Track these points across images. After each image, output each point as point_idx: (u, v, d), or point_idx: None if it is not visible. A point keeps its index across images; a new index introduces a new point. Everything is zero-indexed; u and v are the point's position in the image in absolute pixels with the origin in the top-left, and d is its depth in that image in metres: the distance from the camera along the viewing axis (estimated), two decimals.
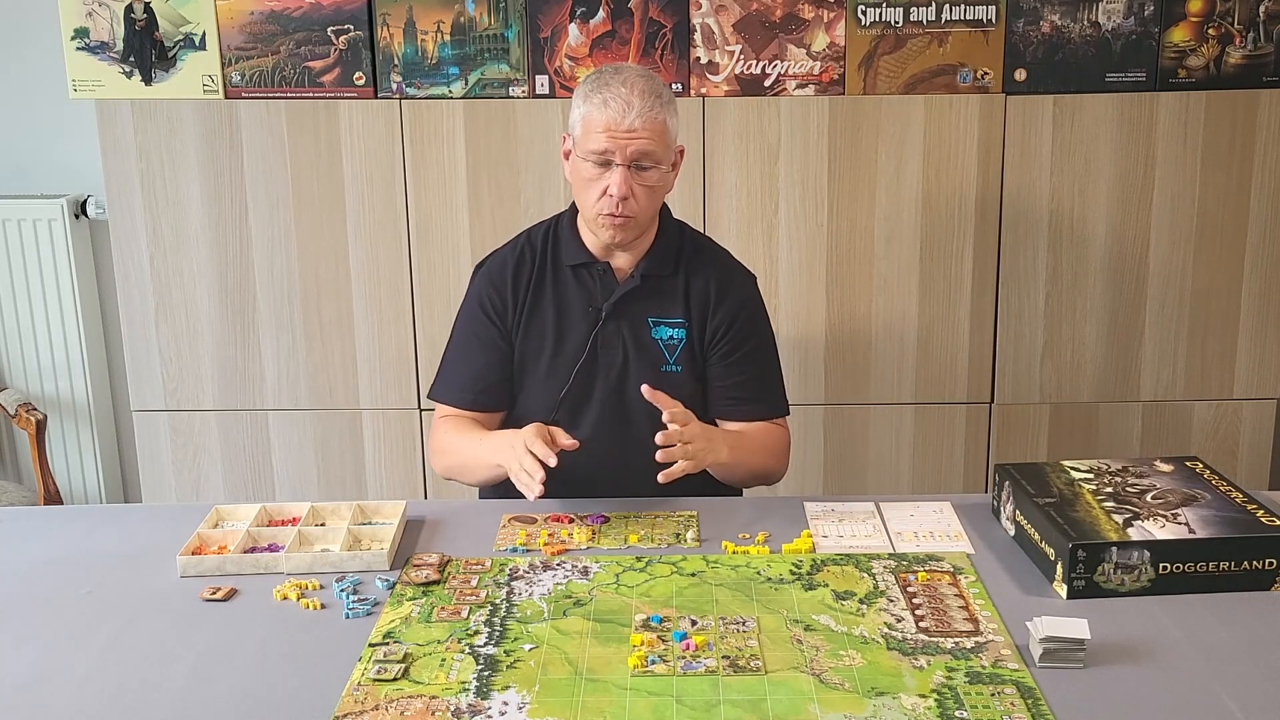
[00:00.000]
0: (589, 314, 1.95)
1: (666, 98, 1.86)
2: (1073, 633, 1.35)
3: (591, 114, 1.83)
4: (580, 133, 1.86)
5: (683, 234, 2.02)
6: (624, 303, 1.95)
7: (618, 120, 1.81)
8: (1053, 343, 2.74)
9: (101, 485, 3.26)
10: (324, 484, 2.81)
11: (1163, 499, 1.66)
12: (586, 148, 1.84)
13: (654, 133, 1.83)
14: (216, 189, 2.68)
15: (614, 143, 1.82)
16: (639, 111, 1.81)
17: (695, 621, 1.47)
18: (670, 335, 1.96)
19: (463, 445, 1.95)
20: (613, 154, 1.82)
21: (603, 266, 1.96)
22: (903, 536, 1.72)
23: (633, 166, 1.83)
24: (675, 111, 1.89)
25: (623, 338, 1.95)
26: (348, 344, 2.76)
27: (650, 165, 1.84)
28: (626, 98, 1.81)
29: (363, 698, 1.31)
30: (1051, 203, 2.66)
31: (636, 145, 1.82)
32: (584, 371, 1.95)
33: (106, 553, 1.70)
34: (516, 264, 1.99)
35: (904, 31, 2.58)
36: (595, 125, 1.83)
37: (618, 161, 1.83)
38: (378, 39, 2.61)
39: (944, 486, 2.79)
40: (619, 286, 1.95)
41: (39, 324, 3.15)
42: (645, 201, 1.87)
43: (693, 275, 1.97)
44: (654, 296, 1.96)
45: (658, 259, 1.96)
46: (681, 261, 1.98)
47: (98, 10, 2.60)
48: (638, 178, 1.84)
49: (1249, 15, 2.57)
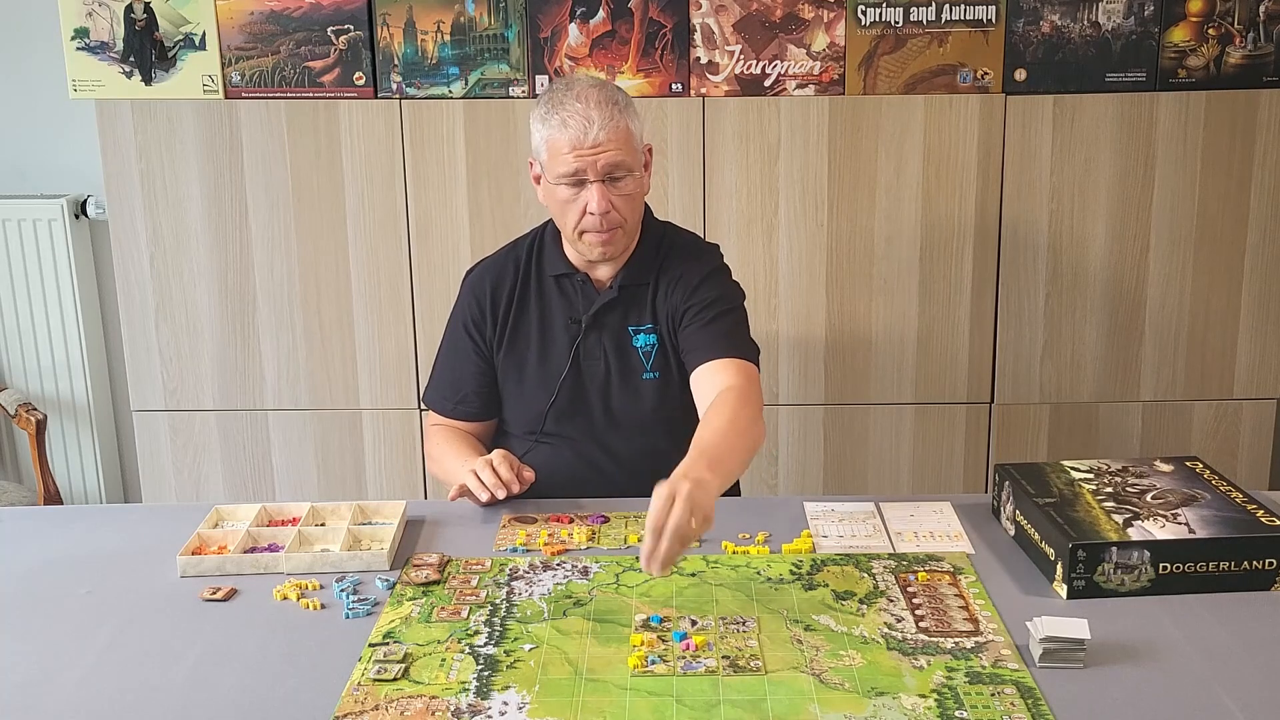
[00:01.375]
0: (570, 326, 1.96)
1: (623, 102, 1.84)
2: (1073, 633, 1.35)
3: (554, 136, 1.81)
4: (547, 157, 1.84)
5: (662, 238, 1.99)
6: (602, 313, 1.95)
7: (580, 138, 1.79)
8: (1053, 343, 2.73)
9: (101, 485, 3.26)
10: (324, 484, 2.81)
11: (1163, 499, 1.66)
12: (556, 171, 1.82)
13: (620, 142, 1.81)
14: (216, 189, 2.68)
15: (583, 160, 1.80)
16: (600, 124, 1.79)
17: (695, 621, 1.47)
18: (645, 342, 1.96)
19: (443, 460, 1.99)
20: (584, 172, 1.81)
21: (582, 277, 1.95)
22: (903, 536, 1.72)
23: (606, 180, 1.82)
24: (635, 113, 1.86)
25: (604, 348, 1.95)
26: (348, 344, 2.76)
27: (623, 175, 1.83)
28: (585, 113, 1.79)
29: (363, 698, 1.31)
30: (1052, 203, 2.66)
31: (606, 158, 1.80)
32: (569, 382, 1.95)
33: (106, 553, 1.70)
34: (498, 276, 1.99)
35: (904, 31, 2.58)
36: (560, 147, 1.81)
37: (590, 179, 1.81)
38: (378, 39, 2.61)
39: (944, 486, 2.79)
40: (597, 297, 1.95)
41: (39, 324, 3.15)
42: (626, 210, 1.86)
43: (661, 278, 1.96)
44: (632, 305, 1.96)
45: (636, 269, 1.95)
46: (658, 268, 1.96)
47: (98, 10, 2.60)
48: (613, 189, 1.83)
49: (1249, 15, 2.57)
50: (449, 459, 1.97)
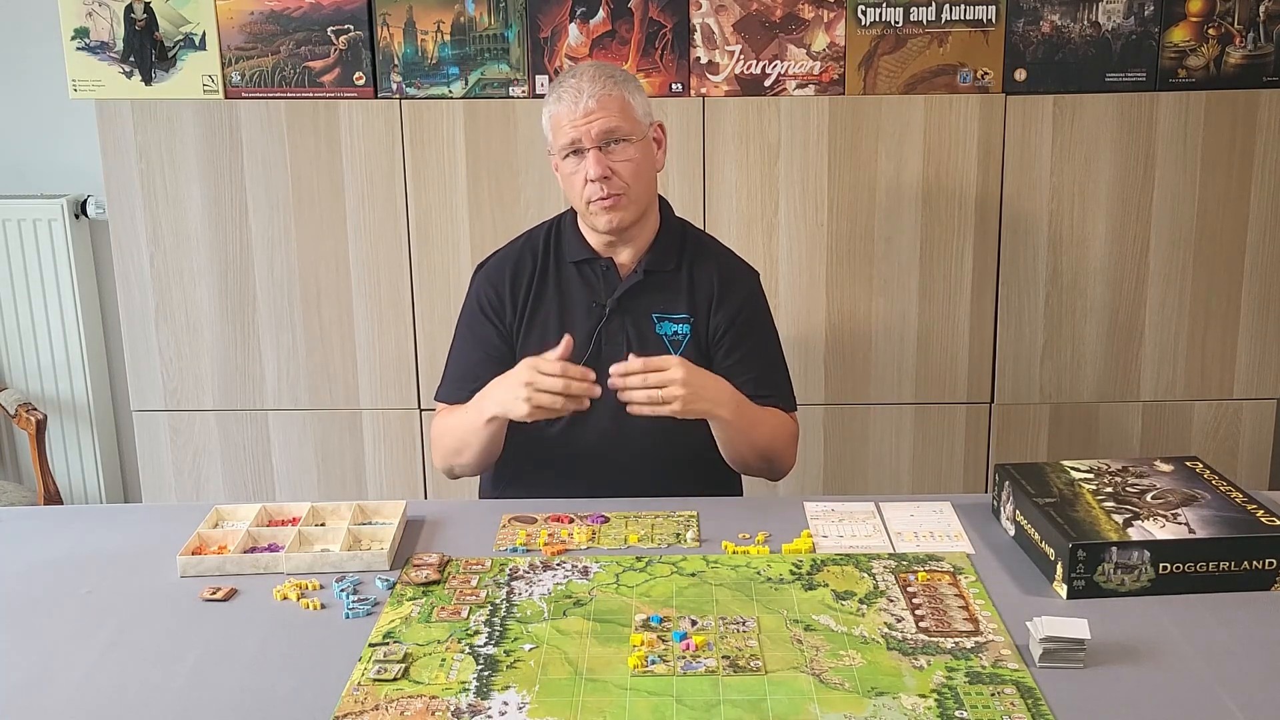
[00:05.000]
0: (593, 310, 1.96)
1: (621, 77, 1.92)
2: (1073, 633, 1.35)
3: (555, 113, 1.91)
4: (552, 137, 1.93)
5: (685, 230, 2.04)
6: (628, 298, 1.95)
7: (573, 108, 1.87)
8: (1053, 343, 2.74)
9: (101, 485, 3.26)
10: (324, 484, 2.81)
11: (1163, 499, 1.66)
12: (558, 145, 1.90)
13: (612, 109, 1.87)
14: (216, 189, 2.68)
15: (577, 130, 1.87)
16: (590, 93, 1.87)
17: (695, 621, 1.47)
18: (675, 331, 1.96)
19: (451, 426, 1.96)
20: (580, 141, 1.87)
21: (605, 263, 1.96)
22: (903, 536, 1.72)
23: (603, 147, 1.87)
24: (637, 89, 1.94)
25: (627, 333, 1.95)
26: (348, 344, 2.76)
27: (620, 140, 1.88)
28: (577, 85, 1.88)
29: (363, 698, 1.31)
30: (1051, 203, 2.66)
31: (598, 124, 1.86)
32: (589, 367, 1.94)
33: (106, 553, 1.70)
34: (516, 263, 2.00)
35: (904, 31, 2.58)
36: (560, 122, 1.89)
37: (586, 145, 1.87)
38: (378, 39, 2.61)
39: (944, 486, 2.79)
40: (622, 282, 1.95)
41: (39, 324, 3.15)
42: (630, 177, 1.89)
43: (696, 270, 1.98)
44: (658, 291, 1.96)
45: (660, 254, 1.96)
46: (684, 257, 1.99)
47: (98, 10, 2.60)
48: (611, 155, 1.88)
49: (1249, 15, 2.57)
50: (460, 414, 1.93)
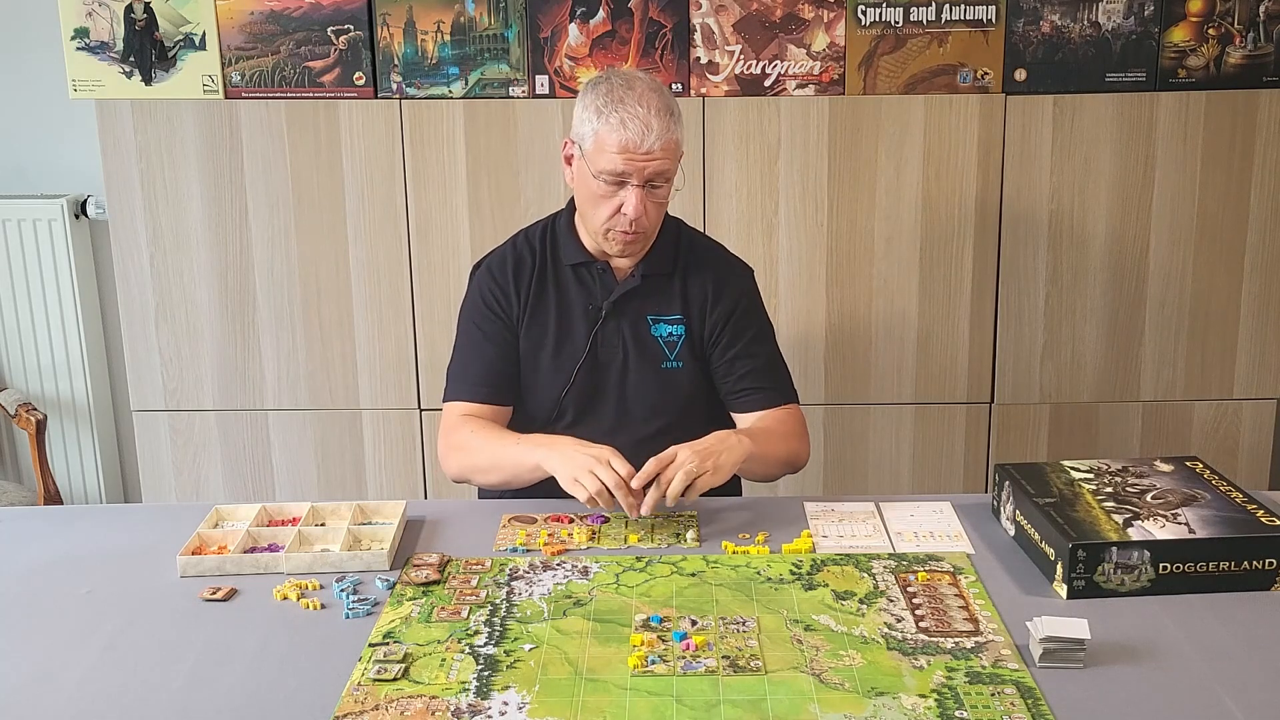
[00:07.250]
0: (589, 313, 1.96)
1: (678, 113, 1.84)
2: (1073, 633, 1.35)
3: (606, 134, 1.79)
4: (592, 148, 1.82)
5: (679, 231, 2.03)
6: (623, 301, 1.96)
7: (636, 143, 1.78)
8: (1053, 343, 2.74)
9: (101, 485, 3.26)
10: (324, 484, 2.81)
11: (1163, 499, 1.66)
12: (600, 167, 1.81)
13: (669, 153, 1.81)
14: (216, 189, 2.68)
15: (631, 165, 1.79)
16: (657, 133, 1.78)
17: (695, 621, 1.47)
18: (669, 332, 1.97)
19: (490, 443, 1.89)
20: (629, 176, 1.80)
21: (602, 266, 1.96)
22: (903, 536, 1.72)
23: (647, 186, 1.82)
24: (683, 122, 1.86)
25: (622, 336, 1.96)
26: (348, 344, 2.76)
27: (663, 183, 1.84)
28: (645, 119, 1.77)
29: (363, 698, 1.31)
30: (1051, 203, 2.66)
31: (654, 167, 1.80)
32: (585, 370, 1.95)
33: (106, 553, 1.70)
34: (517, 261, 1.99)
35: (904, 31, 2.58)
36: (610, 145, 1.79)
37: (634, 183, 1.81)
38: (378, 39, 2.61)
39: (944, 486, 2.79)
40: (619, 285, 1.96)
41: (39, 324, 3.15)
42: (656, 216, 1.88)
43: (690, 273, 1.98)
44: (653, 295, 1.97)
45: (657, 258, 1.96)
46: (679, 260, 1.99)
47: (98, 10, 2.60)
48: (650, 195, 1.83)
49: (1249, 15, 2.57)
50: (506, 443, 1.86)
